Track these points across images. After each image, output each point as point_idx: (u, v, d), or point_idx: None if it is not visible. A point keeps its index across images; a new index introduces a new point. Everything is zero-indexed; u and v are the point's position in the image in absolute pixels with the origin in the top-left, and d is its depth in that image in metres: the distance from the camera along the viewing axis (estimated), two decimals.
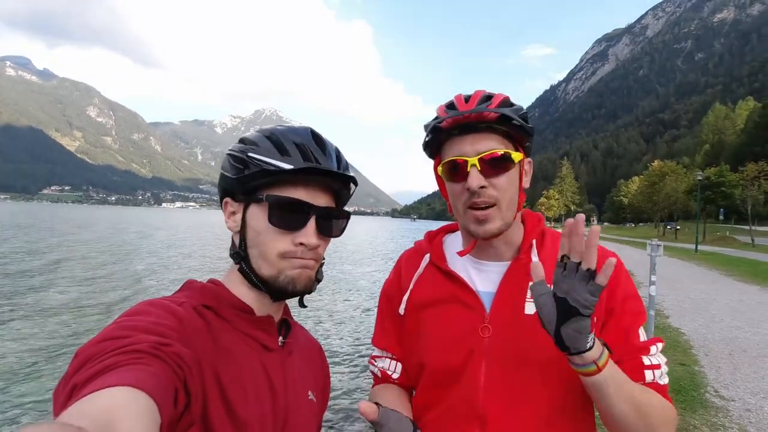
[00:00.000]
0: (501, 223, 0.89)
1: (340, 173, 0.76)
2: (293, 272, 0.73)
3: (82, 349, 0.53)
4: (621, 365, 0.84)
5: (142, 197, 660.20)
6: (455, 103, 0.90)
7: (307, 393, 0.83)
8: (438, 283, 0.97)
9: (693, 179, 39.97)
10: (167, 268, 17.16)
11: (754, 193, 34.98)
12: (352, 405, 5.39)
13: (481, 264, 0.97)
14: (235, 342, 0.72)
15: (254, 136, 0.77)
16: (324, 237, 0.77)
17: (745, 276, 14.46)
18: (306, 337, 0.93)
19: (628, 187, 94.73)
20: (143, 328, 0.57)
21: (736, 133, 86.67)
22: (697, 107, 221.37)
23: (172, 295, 0.73)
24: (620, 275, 0.92)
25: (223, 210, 0.80)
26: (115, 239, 30.59)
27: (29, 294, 11.25)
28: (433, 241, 1.06)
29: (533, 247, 0.94)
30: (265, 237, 0.73)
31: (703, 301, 9.94)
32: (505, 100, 0.89)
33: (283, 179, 0.73)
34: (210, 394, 0.63)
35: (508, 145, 0.89)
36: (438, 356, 0.92)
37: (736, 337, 6.93)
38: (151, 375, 0.50)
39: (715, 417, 4.09)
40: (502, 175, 0.87)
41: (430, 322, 0.95)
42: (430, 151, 0.96)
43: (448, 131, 0.89)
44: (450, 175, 0.91)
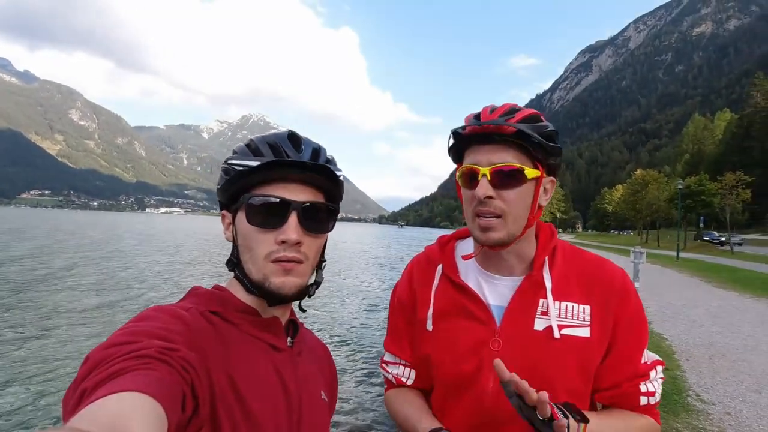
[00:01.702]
0: (505, 234, 0.89)
1: (312, 164, 0.74)
2: (277, 280, 0.73)
3: (91, 355, 0.54)
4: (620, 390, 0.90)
5: (126, 202, 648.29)
6: (481, 113, 0.92)
7: (320, 392, 0.84)
8: (451, 295, 0.99)
9: (674, 188, 40.84)
10: (173, 274, 16.90)
11: (732, 201, 35.82)
12: (355, 409, 5.38)
13: (493, 278, 0.98)
14: (244, 344, 0.72)
15: (237, 146, 0.78)
16: (310, 234, 0.76)
17: (725, 282, 14.78)
18: (314, 339, 0.94)
19: (612, 195, 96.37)
20: (150, 333, 0.58)
21: (715, 143, 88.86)
22: (677, 117, 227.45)
23: (178, 302, 0.74)
24: (629, 294, 0.93)
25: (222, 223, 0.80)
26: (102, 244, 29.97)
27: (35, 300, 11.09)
28: (445, 249, 1.07)
29: (545, 263, 0.95)
30: (250, 240, 0.74)
31: (685, 307, 10.15)
32: (531, 116, 0.90)
33: (258, 179, 0.74)
34: (222, 397, 0.64)
35: (525, 160, 0.89)
36: (450, 367, 0.94)
37: (716, 341, 7.10)
38: (158, 380, 0.50)
39: (696, 420, 4.18)
40: (513, 189, 0.88)
41: (443, 334, 0.97)
42: (453, 156, 0.98)
43: (468, 139, 0.92)
44: (464, 181, 0.93)
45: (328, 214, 0.80)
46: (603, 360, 0.91)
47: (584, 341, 0.89)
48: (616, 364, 0.89)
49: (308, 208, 0.75)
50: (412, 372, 1.05)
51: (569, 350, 0.88)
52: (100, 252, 24.86)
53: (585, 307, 0.91)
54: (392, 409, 1.06)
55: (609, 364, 0.90)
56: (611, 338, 0.91)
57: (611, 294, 0.92)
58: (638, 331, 0.93)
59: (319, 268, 0.83)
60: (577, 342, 0.88)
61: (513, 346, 0.90)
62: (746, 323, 8.43)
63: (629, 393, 0.89)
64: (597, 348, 0.89)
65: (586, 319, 0.90)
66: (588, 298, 0.92)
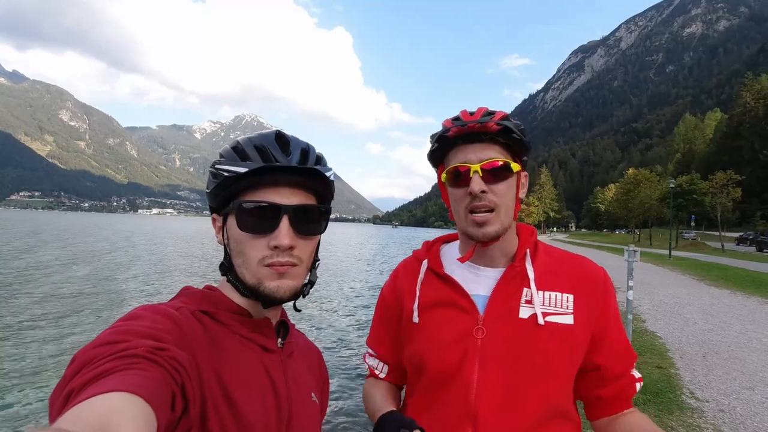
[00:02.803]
0: (499, 226, 0.93)
1: (301, 168, 0.73)
2: (272, 284, 0.72)
3: (78, 354, 0.53)
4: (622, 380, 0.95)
5: (117, 203, 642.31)
6: (461, 116, 0.96)
7: (310, 394, 0.83)
8: (436, 287, 1.01)
9: (666, 187, 41.18)
10: (164, 275, 16.73)
11: (722, 200, 36.17)
12: (346, 408, 5.34)
13: (477, 269, 1.00)
14: (235, 344, 0.72)
15: (223, 148, 0.77)
16: (303, 236, 0.75)
17: (716, 280, 14.91)
18: (305, 341, 0.94)
19: (605, 194, 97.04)
20: (139, 333, 0.57)
21: (706, 142, 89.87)
22: (668, 117, 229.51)
23: (169, 301, 0.73)
24: (611, 291, 0.98)
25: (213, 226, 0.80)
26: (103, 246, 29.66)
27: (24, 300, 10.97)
28: (431, 250, 1.11)
29: (527, 255, 0.98)
30: (242, 246, 0.73)
31: (678, 305, 10.22)
32: (507, 116, 0.95)
33: (247, 184, 0.73)
34: (211, 397, 0.63)
35: (507, 156, 0.95)
36: (435, 358, 0.96)
37: (708, 339, 7.15)
38: (147, 380, 0.49)
39: (690, 418, 4.19)
40: (502, 182, 0.93)
41: (429, 325, 0.99)
42: (435, 160, 1.02)
43: (453, 141, 0.95)
44: (453, 180, 0.96)
45: (320, 215, 0.79)
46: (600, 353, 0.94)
47: (568, 328, 0.91)
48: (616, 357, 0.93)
49: (299, 211, 0.74)
50: (385, 366, 1.11)
51: (553, 336, 0.90)
52: (92, 251, 24.61)
53: (568, 296, 0.94)
54: (364, 399, 1.12)
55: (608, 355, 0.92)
56: (600, 329, 0.94)
57: (594, 287, 0.96)
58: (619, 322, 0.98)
59: (313, 268, 0.82)
60: (561, 329, 0.90)
61: (497, 334, 0.92)
62: (738, 321, 8.51)
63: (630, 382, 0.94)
64: (580, 335, 0.92)
65: (569, 307, 0.93)
66: (571, 289, 0.95)
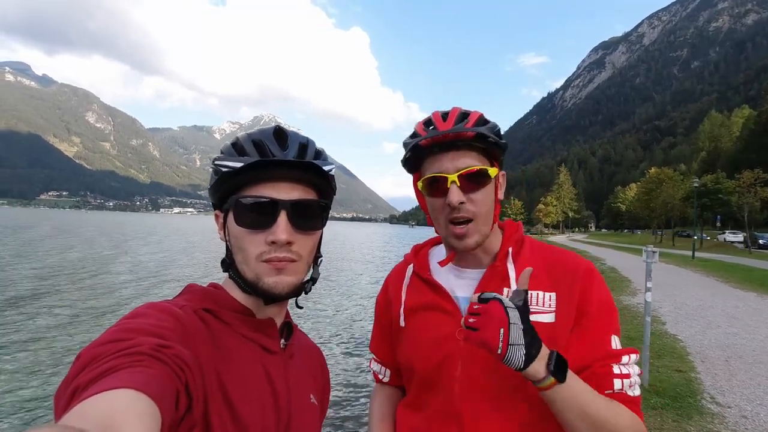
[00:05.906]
0: (479, 236, 0.93)
1: (298, 162, 0.73)
2: (270, 280, 0.72)
3: (84, 352, 0.53)
4: (590, 371, 0.86)
5: (140, 203, 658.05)
6: (433, 120, 0.94)
7: (309, 396, 0.83)
8: (420, 290, 1.02)
9: (689, 186, 40.01)
10: (171, 272, 17.08)
11: (750, 199, 34.97)
12: (347, 408, 5.35)
13: (461, 271, 1.01)
14: (236, 344, 0.72)
15: (224, 144, 0.77)
16: (301, 232, 0.74)
17: (742, 282, 14.42)
18: (308, 342, 0.94)
19: (626, 194, 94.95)
20: (144, 331, 0.57)
21: (732, 140, 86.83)
22: (693, 115, 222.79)
23: (172, 299, 0.73)
24: (594, 280, 0.95)
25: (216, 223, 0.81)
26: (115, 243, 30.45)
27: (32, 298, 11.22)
28: (419, 253, 1.11)
29: (509, 255, 0.97)
30: (241, 241, 0.73)
31: (700, 308, 9.92)
32: (481, 118, 0.93)
33: (244, 180, 0.73)
34: (212, 396, 0.63)
35: (484, 160, 0.93)
36: (420, 360, 0.97)
37: (732, 343, 6.91)
38: (152, 377, 0.50)
39: (711, 424, 4.07)
40: (480, 190, 0.91)
41: (414, 328, 1.00)
42: (410, 167, 0.99)
43: (428, 149, 0.92)
44: (430, 190, 0.94)
45: (320, 210, 0.78)
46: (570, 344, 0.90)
47: (550, 326, 0.90)
48: (585, 346, 0.89)
49: (297, 206, 0.74)
50: (387, 370, 1.12)
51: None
52: (102, 251, 25.25)
53: (551, 294, 0.92)
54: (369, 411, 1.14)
55: (577, 345, 0.89)
56: (576, 321, 0.91)
57: (575, 280, 0.94)
58: (606, 315, 0.93)
59: (315, 264, 0.81)
60: (543, 327, 0.88)
61: None
62: (764, 324, 8.20)
63: (601, 374, 0.87)
64: (562, 332, 0.90)
65: (551, 306, 0.92)
66: (553, 287, 0.93)
